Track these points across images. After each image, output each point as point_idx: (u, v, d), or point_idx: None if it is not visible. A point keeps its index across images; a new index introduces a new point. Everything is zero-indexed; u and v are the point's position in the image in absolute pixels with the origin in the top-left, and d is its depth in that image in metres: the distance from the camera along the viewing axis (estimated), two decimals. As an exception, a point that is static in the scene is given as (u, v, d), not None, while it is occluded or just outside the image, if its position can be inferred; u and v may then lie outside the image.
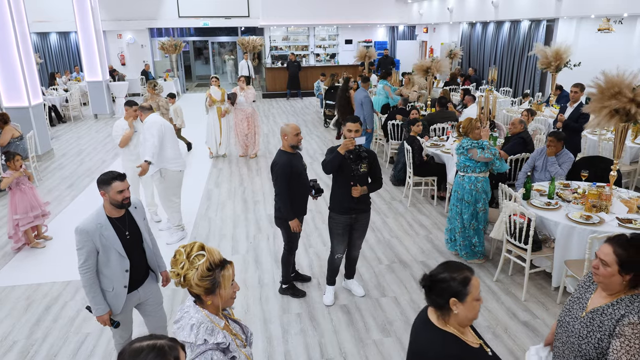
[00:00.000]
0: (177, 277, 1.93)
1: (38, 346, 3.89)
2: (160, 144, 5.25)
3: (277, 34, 18.88)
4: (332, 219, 4.18)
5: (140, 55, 18.24)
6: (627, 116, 3.93)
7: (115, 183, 2.86)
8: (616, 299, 2.06)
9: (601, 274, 2.06)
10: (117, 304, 3.03)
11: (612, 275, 2.03)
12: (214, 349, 1.89)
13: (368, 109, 8.23)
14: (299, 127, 4.13)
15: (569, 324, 2.20)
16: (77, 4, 12.71)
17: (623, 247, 2.02)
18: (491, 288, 4.62)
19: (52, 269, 5.09)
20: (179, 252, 1.95)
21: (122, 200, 2.89)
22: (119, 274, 2.96)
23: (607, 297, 2.10)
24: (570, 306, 2.26)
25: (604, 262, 2.05)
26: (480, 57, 14.81)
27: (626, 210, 4.30)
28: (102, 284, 2.97)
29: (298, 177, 4.15)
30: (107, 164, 8.94)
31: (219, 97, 8.87)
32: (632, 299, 2.04)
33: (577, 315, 2.18)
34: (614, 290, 2.07)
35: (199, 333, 1.89)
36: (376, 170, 4.09)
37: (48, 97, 12.72)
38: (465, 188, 4.86)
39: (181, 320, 1.97)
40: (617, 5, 8.69)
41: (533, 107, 8.46)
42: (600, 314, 2.07)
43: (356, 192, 3.96)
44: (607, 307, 2.07)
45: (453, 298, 1.86)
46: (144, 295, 3.18)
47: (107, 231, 2.89)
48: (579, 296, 2.25)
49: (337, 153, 3.90)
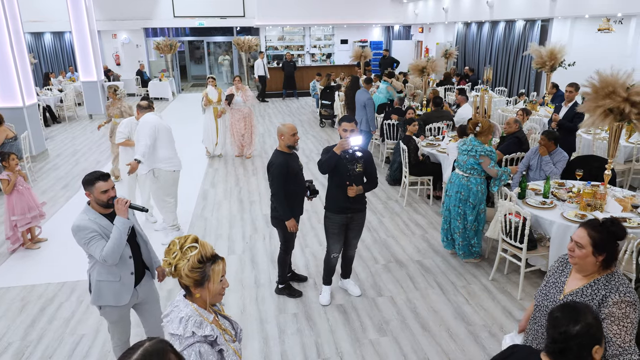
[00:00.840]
0: (169, 266, 1.98)
1: (33, 348, 3.86)
2: (152, 144, 5.26)
3: (273, 34, 18.86)
4: (328, 219, 4.19)
5: (135, 55, 18.16)
6: (621, 115, 3.95)
7: (99, 183, 2.86)
8: (593, 280, 2.21)
9: (576, 255, 2.21)
10: (126, 293, 3.02)
11: (586, 257, 2.18)
12: (202, 341, 1.94)
13: (371, 111, 8.23)
14: (295, 127, 4.13)
15: (548, 307, 2.30)
16: (71, 3, 12.64)
17: (596, 230, 2.18)
18: (487, 287, 4.64)
19: (47, 270, 5.07)
20: (173, 242, 2.01)
21: (107, 200, 2.89)
22: (123, 261, 2.97)
23: (583, 279, 2.25)
24: (547, 290, 2.37)
25: (578, 245, 2.20)
26: (476, 57, 14.85)
27: (620, 209, 4.32)
28: (109, 275, 2.97)
29: (294, 178, 4.16)
30: (101, 164, 8.91)
31: (215, 97, 8.85)
32: (608, 278, 2.19)
33: (556, 299, 2.29)
34: (588, 271, 2.22)
35: (187, 326, 1.94)
36: (371, 170, 4.10)
37: (42, 97, 12.65)
38: (471, 189, 4.82)
39: (171, 313, 2.02)
40: (611, 5, 8.74)
41: (528, 107, 8.49)
42: (580, 296, 2.21)
43: (352, 191, 3.97)
44: (586, 288, 2.21)
45: (596, 346, 1.71)
46: (142, 294, 3.18)
47: (102, 221, 2.91)
48: (554, 280, 2.37)
49: (332, 153, 3.91)
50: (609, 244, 2.16)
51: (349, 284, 4.58)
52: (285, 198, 4.11)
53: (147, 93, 16.75)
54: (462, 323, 4.08)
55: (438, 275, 4.88)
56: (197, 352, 1.89)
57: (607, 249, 2.16)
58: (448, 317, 4.17)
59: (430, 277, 4.84)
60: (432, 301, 4.42)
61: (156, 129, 5.28)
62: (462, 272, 4.91)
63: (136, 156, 5.21)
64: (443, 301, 4.41)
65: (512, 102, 10.84)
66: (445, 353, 3.72)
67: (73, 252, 4.77)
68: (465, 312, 4.23)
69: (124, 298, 3.03)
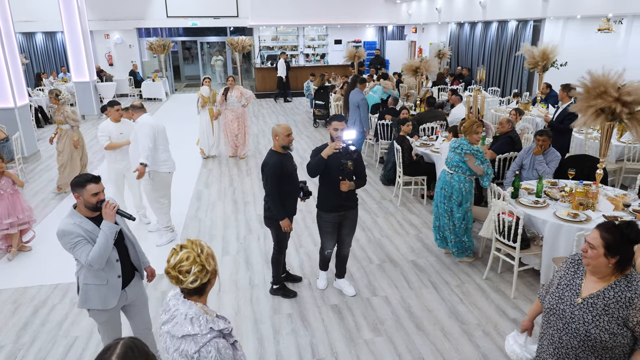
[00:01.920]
0: (205, 275, 2.01)
1: (25, 350, 3.83)
2: (154, 146, 5.21)
3: (267, 34, 18.83)
4: (321, 218, 4.26)
5: (128, 55, 18.06)
6: (612, 115, 3.99)
7: (90, 185, 2.82)
8: (613, 282, 2.19)
9: (589, 256, 2.20)
10: (113, 296, 2.99)
11: (598, 257, 2.17)
12: (218, 336, 1.96)
13: (365, 112, 8.25)
14: (290, 128, 4.13)
15: (564, 311, 2.27)
16: (63, 3, 12.54)
17: (609, 232, 2.16)
18: (481, 286, 4.66)
19: (39, 271, 5.03)
20: (190, 259, 2.00)
21: (96, 203, 2.85)
22: (110, 265, 2.94)
23: (600, 282, 2.22)
24: (562, 293, 2.32)
25: (591, 246, 2.19)
26: (469, 57, 14.92)
27: (612, 208, 4.36)
28: (96, 279, 2.94)
29: (289, 178, 4.15)
30: (93, 165, 8.85)
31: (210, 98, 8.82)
32: (628, 279, 2.18)
33: (573, 302, 2.26)
34: (601, 273, 2.20)
35: (202, 323, 1.95)
36: (361, 169, 4.20)
37: (34, 97, 12.56)
38: (454, 186, 4.88)
39: (175, 318, 2.00)
40: (603, 5, 8.81)
41: (521, 107, 8.54)
42: (602, 299, 2.18)
43: (344, 186, 4.03)
44: (607, 291, 2.18)
45: None
46: (131, 296, 3.15)
47: (88, 225, 2.87)
48: (567, 282, 2.33)
49: (320, 158, 3.99)
50: (622, 246, 2.14)
51: (343, 284, 4.59)
52: (280, 197, 4.11)
53: (140, 94, 16.68)
54: (456, 322, 4.10)
55: (432, 275, 4.89)
56: (216, 348, 1.91)
57: (620, 251, 2.14)
58: (442, 317, 4.18)
59: (425, 277, 4.86)
60: (426, 300, 4.44)
61: (155, 130, 5.24)
62: (456, 272, 4.94)
63: (141, 160, 5.12)
64: (437, 300, 4.42)
65: (505, 102, 10.90)
66: (439, 352, 3.73)
67: (65, 254, 4.64)
68: (460, 311, 4.25)
69: (111, 301, 3.00)
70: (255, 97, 17.24)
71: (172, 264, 1.97)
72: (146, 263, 3.30)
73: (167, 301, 2.11)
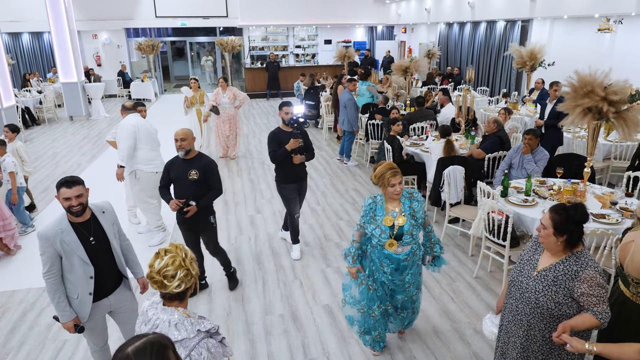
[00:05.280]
0: (191, 280, 2.01)
1: (14, 355, 3.78)
2: (133, 145, 5.22)
3: (257, 34, 18.79)
4: (284, 188, 5.04)
5: (116, 55, 17.91)
6: (599, 114, 4.03)
7: (62, 189, 2.71)
8: (563, 257, 2.44)
9: (541, 235, 2.47)
10: (83, 311, 2.92)
11: (548, 236, 2.42)
12: (206, 337, 1.95)
13: (352, 111, 8.26)
14: (179, 133, 4.14)
15: (522, 282, 2.55)
16: (49, 3, 12.38)
17: (557, 213, 2.41)
18: (471, 284, 4.69)
19: (27, 275, 4.96)
20: (173, 266, 1.97)
21: (68, 208, 2.73)
22: (83, 281, 2.85)
23: (553, 257, 2.48)
24: (522, 267, 2.60)
25: (543, 226, 2.45)
26: (458, 57, 15.02)
27: (599, 206, 4.41)
28: (68, 291, 2.88)
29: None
30: (82, 167, 8.76)
31: (196, 99, 8.73)
32: (577, 255, 2.42)
33: (530, 274, 2.53)
34: (553, 250, 2.46)
35: (188, 327, 1.92)
36: (308, 143, 5.03)
37: (21, 98, 12.39)
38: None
39: (158, 327, 1.95)
40: (590, 6, 8.92)
41: (510, 106, 8.62)
42: (552, 271, 2.44)
43: (297, 159, 4.86)
44: (558, 265, 2.44)
45: None
46: (115, 303, 3.07)
47: (69, 236, 2.77)
48: (528, 258, 2.60)
49: (285, 150, 4.79)
50: (569, 226, 2.36)
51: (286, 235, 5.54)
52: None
53: (129, 94, 16.54)
54: (447, 321, 4.12)
55: (423, 274, 4.90)
56: (207, 349, 1.91)
57: (567, 230, 2.37)
58: (433, 315, 4.20)
59: (416, 276, 4.87)
60: (417, 299, 4.45)
61: (136, 129, 5.24)
62: (447, 270, 4.96)
63: (118, 162, 5.22)
64: (428, 299, 4.44)
65: (494, 102, 10.99)
66: (430, 351, 3.75)
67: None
68: (450, 310, 4.28)
69: (82, 315, 2.92)
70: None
71: (157, 268, 1.94)
72: (139, 274, 3.22)
73: (144, 311, 2.06)
